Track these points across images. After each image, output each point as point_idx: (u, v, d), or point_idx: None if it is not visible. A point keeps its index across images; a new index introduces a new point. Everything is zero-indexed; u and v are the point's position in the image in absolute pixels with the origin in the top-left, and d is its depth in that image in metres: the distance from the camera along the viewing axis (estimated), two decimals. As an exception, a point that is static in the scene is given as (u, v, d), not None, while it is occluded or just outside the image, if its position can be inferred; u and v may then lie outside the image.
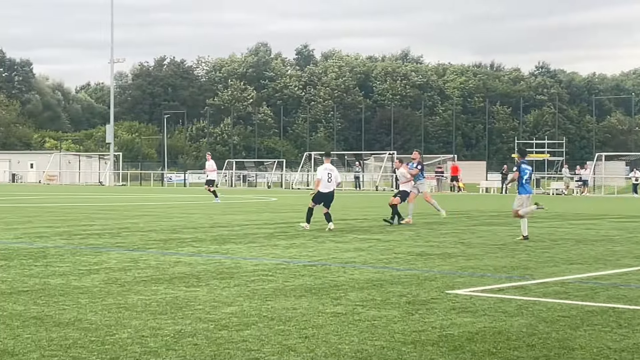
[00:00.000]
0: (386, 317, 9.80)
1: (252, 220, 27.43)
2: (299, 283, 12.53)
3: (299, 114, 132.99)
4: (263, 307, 10.42)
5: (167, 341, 8.46)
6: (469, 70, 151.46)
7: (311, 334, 8.88)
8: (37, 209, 33.72)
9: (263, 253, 16.89)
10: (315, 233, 22.04)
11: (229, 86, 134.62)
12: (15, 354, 7.90)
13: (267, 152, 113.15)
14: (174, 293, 11.46)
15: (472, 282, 12.83)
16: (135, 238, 20.14)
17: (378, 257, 16.28)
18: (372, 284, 12.53)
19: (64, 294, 11.29)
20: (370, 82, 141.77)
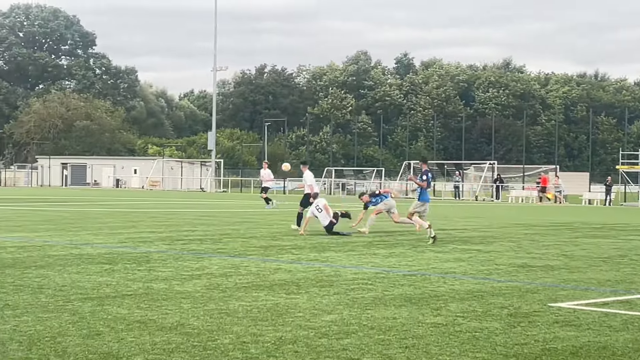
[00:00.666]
0: (487, 329, 9.69)
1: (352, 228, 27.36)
2: (399, 292, 12.48)
3: (399, 123, 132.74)
4: (363, 315, 10.41)
5: (268, 347, 8.51)
6: (572, 80, 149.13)
7: (411, 344, 8.83)
8: (140, 214, 34.35)
9: (362, 261, 16.88)
10: (415, 242, 21.93)
11: (329, 94, 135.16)
12: (119, 357, 8.05)
13: (366, 161, 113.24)
14: (274, 300, 11.53)
15: (575, 296, 12.60)
16: (236, 244, 20.34)
17: (478, 268, 16.11)
18: (472, 295, 12.40)
19: (166, 299, 11.46)
20: (472, 91, 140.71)
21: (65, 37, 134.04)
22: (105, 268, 14.84)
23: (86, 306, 10.74)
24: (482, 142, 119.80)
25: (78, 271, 14.34)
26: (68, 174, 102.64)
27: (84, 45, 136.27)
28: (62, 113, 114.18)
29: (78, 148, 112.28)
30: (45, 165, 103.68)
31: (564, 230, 28.72)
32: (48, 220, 29.08)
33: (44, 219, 29.47)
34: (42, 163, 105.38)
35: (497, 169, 77.00)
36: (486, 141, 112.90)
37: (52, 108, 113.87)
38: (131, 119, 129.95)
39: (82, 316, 10.03)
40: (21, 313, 10.18)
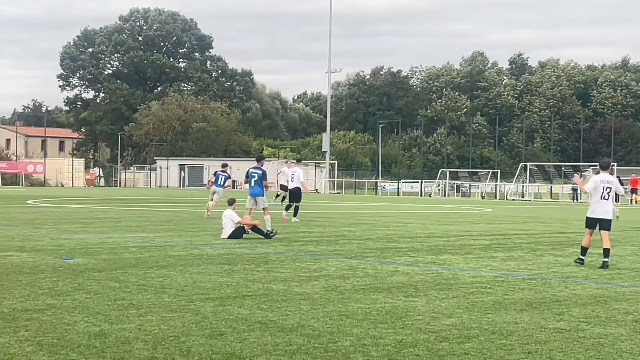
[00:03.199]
0: (612, 335, 9.48)
1: (468, 231, 27.19)
2: (519, 297, 12.31)
3: (514, 124, 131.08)
4: (483, 320, 10.30)
5: (389, 351, 8.50)
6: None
7: (534, 349, 8.70)
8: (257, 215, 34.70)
9: (480, 265, 16.71)
10: (533, 246, 21.61)
11: (443, 96, 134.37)
12: (242, 357, 8.14)
13: (481, 162, 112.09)
14: (392, 302, 11.51)
15: (703, 302, 12.23)
16: (352, 246, 20.38)
17: (600, 272, 15.79)
18: (595, 299, 12.15)
19: (286, 300, 11.55)
20: (590, 92, 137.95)
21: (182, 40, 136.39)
22: (225, 269, 15.04)
23: (208, 306, 10.90)
24: (601, 144, 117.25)
25: (199, 271, 14.57)
26: (185, 175, 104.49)
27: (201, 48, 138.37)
28: (180, 115, 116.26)
29: (195, 149, 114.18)
30: (164, 166, 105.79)
31: (688, 234, 27.89)
32: (168, 220, 29.65)
33: (164, 220, 30.06)
34: (160, 164, 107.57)
35: (616, 171, 75.25)
36: (605, 142, 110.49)
37: (170, 110, 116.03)
38: (246, 120, 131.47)
39: (204, 316, 10.18)
40: (145, 312, 10.40)
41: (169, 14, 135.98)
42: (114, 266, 15.16)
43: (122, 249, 18.58)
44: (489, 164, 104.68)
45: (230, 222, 22.03)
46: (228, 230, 21.98)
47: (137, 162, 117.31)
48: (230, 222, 22.03)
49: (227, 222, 22.06)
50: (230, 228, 21.97)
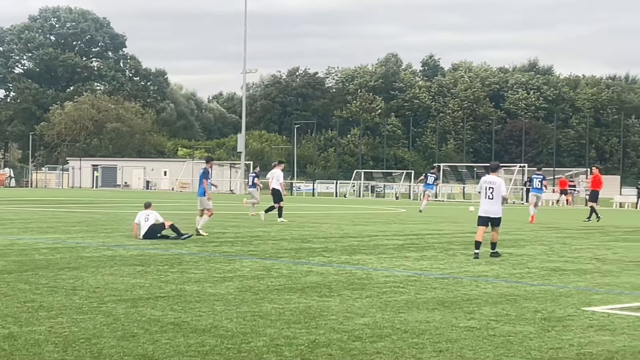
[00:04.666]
0: (521, 333, 9.65)
1: (382, 231, 27.41)
2: (431, 296, 12.46)
3: (428, 125, 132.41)
4: (396, 319, 10.40)
5: (302, 350, 8.52)
6: (601, 82, 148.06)
7: (445, 347, 8.82)
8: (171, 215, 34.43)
9: (394, 264, 16.86)
10: (446, 246, 21.89)
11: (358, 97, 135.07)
12: (154, 359, 8.09)
13: (396, 163, 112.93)
14: (306, 302, 11.54)
15: (609, 300, 12.53)
16: (267, 247, 20.38)
17: (511, 271, 16.05)
18: (505, 298, 12.36)
19: (199, 301, 11.50)
20: (502, 93, 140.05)
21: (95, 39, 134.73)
22: (138, 270, 14.91)
23: (120, 308, 10.80)
24: (512, 145, 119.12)
25: (111, 273, 14.42)
26: (99, 175, 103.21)
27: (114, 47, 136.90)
28: (93, 115, 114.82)
29: (109, 150, 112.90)
30: (76, 166, 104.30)
31: (596, 234, 28.53)
32: (80, 222, 29.26)
33: (76, 221, 29.66)
34: (73, 164, 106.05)
35: (527, 172, 76.60)
36: (516, 143, 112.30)
37: (83, 110, 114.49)
38: (161, 121, 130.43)
39: (116, 318, 10.09)
40: (56, 314, 10.26)
41: (80, 13, 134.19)
42: (24, 268, 14.91)
43: (33, 250, 18.29)
44: (403, 165, 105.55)
45: (148, 222, 21.87)
46: (144, 229, 21.80)
47: (49, 162, 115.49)
48: (147, 221, 21.88)
49: (146, 222, 21.90)
50: (146, 227, 21.80)
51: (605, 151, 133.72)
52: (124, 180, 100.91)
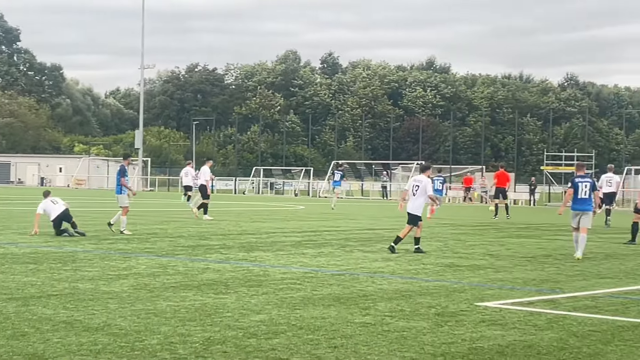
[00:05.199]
0: (415, 329, 9.76)
1: (280, 228, 27.43)
2: (328, 292, 12.50)
3: (327, 122, 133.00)
4: (292, 315, 10.40)
5: (196, 348, 8.46)
6: (497, 81, 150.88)
7: (340, 343, 8.85)
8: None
9: (291, 261, 16.88)
10: (343, 242, 22.00)
11: (258, 94, 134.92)
12: (45, 358, 7.93)
13: (295, 160, 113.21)
14: (202, 300, 11.47)
15: (501, 295, 12.76)
16: (163, 244, 20.20)
17: (406, 268, 16.22)
18: (400, 294, 12.48)
19: (93, 299, 11.33)
20: (400, 91, 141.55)
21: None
22: (30, 268, 14.62)
23: (10, 306, 10.56)
24: (409, 142, 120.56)
25: (2, 271, 14.10)
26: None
27: (8, 41, 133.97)
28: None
29: (1, 146, 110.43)
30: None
31: (490, 230, 29.07)
32: (-29, 219, 28.55)
33: (-34, 218, 28.93)
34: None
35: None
36: (413, 141, 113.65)
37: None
38: (56, 116, 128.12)
39: (6, 317, 9.86)
40: (-57, 314, 9.98)
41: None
42: None
43: None
44: (302, 162, 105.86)
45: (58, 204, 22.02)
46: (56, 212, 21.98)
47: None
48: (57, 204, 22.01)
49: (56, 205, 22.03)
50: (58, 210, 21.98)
51: (500, 149, 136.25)
52: (18, 176, 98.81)
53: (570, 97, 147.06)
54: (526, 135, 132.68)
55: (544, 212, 51.33)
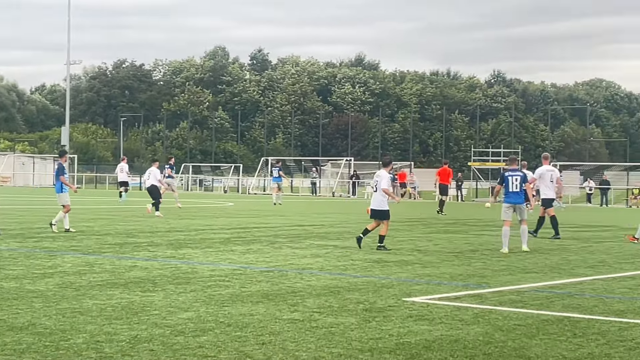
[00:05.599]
0: (343, 324, 9.78)
1: (209, 225, 27.32)
2: (256, 289, 12.48)
3: (257, 119, 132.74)
4: (220, 313, 10.36)
5: (123, 347, 8.38)
6: (425, 78, 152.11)
7: (268, 340, 8.84)
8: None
9: (220, 258, 16.82)
10: (272, 239, 21.99)
11: (186, 90, 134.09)
12: (-33, 359, 7.79)
13: (224, 157, 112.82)
14: (129, 298, 11.36)
15: (428, 290, 12.86)
16: (90, 242, 19.98)
17: (335, 264, 16.27)
18: (329, 290, 12.51)
19: (17, 298, 11.16)
20: (330, 88, 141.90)
21: None
22: (-47, 267, 14.35)
23: None
24: (339, 138, 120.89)
25: None
26: None
27: None
28: None
29: None
30: None
31: (418, 226, 29.30)
32: None
33: None
34: None
35: (353, 165, 77.95)
36: (342, 137, 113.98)
37: None
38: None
39: None
40: None
41: None
42: None
43: None
44: (232, 159, 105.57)
45: None
46: None
47: None
48: None
49: None
50: None
51: (428, 145, 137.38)
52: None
53: (497, 93, 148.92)
54: (454, 131, 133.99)
55: (471, 207, 51.94)
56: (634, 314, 11.05)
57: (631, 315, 10.98)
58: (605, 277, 15.12)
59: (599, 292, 13.13)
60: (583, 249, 21.21)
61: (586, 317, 10.72)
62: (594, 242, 23.31)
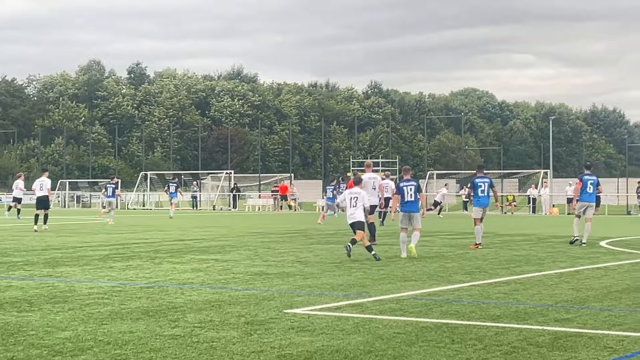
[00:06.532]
0: (225, 338, 9.75)
1: (87, 242, 26.86)
2: (136, 305, 12.33)
3: (134, 133, 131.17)
4: (99, 331, 10.21)
5: (-2, 369, 8.18)
6: (304, 90, 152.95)
7: (148, 357, 8.75)
8: None
9: (98, 275, 16.56)
10: (152, 254, 21.76)
11: (61, 105, 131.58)
12: None
13: (102, 172, 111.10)
14: (4, 319, 11.09)
15: (310, 301, 12.92)
16: (-37, 262, 19.41)
17: (216, 278, 16.20)
18: (210, 304, 12.45)
19: None
20: (208, 101, 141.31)
21: None
22: None
23: None
24: (219, 152, 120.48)
25: None
26: None
27: None
28: None
29: None
30: None
31: (299, 237, 29.40)
32: None
33: None
34: None
35: (234, 178, 77.81)
36: (222, 150, 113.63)
37: None
38: None
39: None
40: None
41: None
42: None
43: None
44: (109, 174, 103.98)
45: None
46: None
47: None
48: None
49: None
50: None
51: (308, 156, 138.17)
52: None
53: (374, 104, 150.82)
54: (333, 142, 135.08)
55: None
56: (509, 319, 11.32)
57: (507, 319, 11.25)
58: (481, 283, 15.46)
59: (475, 298, 13.42)
60: (460, 255, 21.63)
61: (464, 322, 10.94)
62: (470, 249, 23.78)
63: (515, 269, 18.17)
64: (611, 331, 10.35)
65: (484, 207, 24.48)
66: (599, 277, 16.61)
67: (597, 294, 13.94)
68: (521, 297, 13.56)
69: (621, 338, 9.90)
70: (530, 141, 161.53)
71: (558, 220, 46.78)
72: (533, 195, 66.06)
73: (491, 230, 32.88)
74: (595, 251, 23.29)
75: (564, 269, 18.22)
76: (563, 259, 20.78)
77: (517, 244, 26.49)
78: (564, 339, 9.80)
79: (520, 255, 21.69)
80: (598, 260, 20.49)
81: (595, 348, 9.34)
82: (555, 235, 30.92)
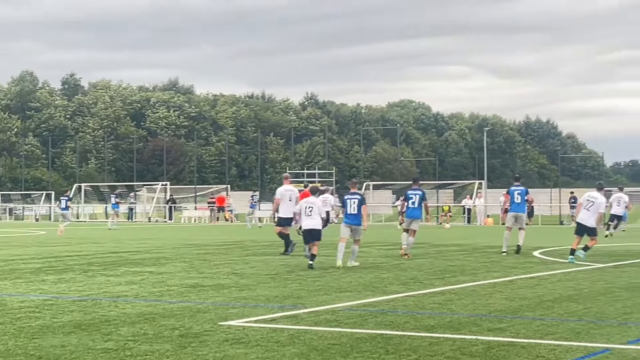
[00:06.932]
0: (158, 352, 9.67)
1: (18, 255, 26.46)
2: (68, 319, 12.17)
3: (67, 145, 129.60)
4: (30, 345, 10.06)
5: None
6: (240, 101, 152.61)
7: (80, 372, 8.64)
8: None
9: (30, 289, 16.32)
10: (86, 267, 21.50)
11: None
12: None
13: (35, 184, 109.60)
14: None
15: (245, 313, 12.87)
16: None
17: (151, 290, 16.06)
18: (144, 317, 12.33)
19: None
20: (144, 112, 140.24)
21: None
22: None
23: None
24: (154, 163, 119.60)
25: None
26: None
27: None
28: None
29: None
30: None
31: (235, 249, 29.31)
32: None
33: None
34: None
35: (169, 190, 77.33)
36: (158, 162, 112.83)
37: None
38: None
39: None
40: None
41: None
42: None
43: None
44: (42, 186, 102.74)
45: None
46: None
47: None
48: None
49: None
50: None
51: (244, 168, 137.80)
52: None
53: (310, 115, 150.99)
54: (270, 154, 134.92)
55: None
56: (443, 329, 11.39)
57: (441, 330, 11.32)
58: (416, 294, 15.54)
59: (410, 309, 13.48)
60: (395, 266, 21.73)
61: (398, 333, 10.98)
62: (405, 260, 23.89)
63: (450, 279, 18.30)
64: (543, 340, 10.47)
65: (413, 219, 25.03)
66: (532, 286, 16.80)
67: (530, 304, 14.10)
68: (455, 307, 13.66)
69: (553, 347, 10.02)
70: (465, 152, 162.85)
71: (492, 230, 47.24)
72: (468, 206, 66.63)
73: (426, 241, 33.08)
74: (528, 261, 23.56)
75: (497, 278, 18.41)
76: (497, 268, 21.00)
77: (452, 254, 26.70)
78: (497, 349, 9.89)
79: (455, 266, 21.86)
80: (531, 270, 20.73)
81: (527, 357, 9.44)
82: (490, 245, 31.21)
